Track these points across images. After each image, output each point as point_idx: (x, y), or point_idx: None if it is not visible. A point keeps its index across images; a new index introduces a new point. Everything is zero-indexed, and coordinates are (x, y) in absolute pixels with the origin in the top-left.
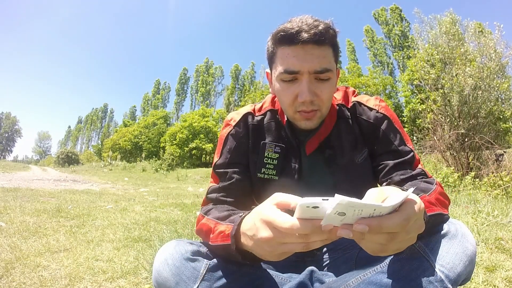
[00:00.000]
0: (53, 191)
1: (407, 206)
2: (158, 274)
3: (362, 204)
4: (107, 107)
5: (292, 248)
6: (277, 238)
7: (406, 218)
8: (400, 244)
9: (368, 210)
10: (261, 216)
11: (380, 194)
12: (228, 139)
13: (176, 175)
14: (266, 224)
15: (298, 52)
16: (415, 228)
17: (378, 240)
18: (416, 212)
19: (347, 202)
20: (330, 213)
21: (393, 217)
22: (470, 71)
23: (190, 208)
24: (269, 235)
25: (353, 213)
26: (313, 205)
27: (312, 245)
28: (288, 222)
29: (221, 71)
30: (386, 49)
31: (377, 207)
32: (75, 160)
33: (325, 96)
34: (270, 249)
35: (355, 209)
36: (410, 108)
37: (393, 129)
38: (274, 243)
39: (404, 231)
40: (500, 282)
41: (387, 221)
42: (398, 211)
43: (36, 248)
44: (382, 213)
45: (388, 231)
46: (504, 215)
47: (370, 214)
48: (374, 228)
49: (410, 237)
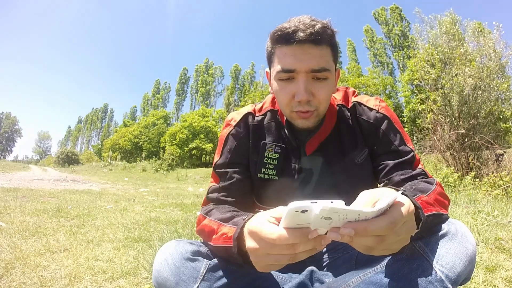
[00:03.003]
0: (53, 191)
1: (394, 209)
2: (158, 274)
3: (345, 210)
4: (107, 107)
5: (279, 260)
6: (263, 249)
7: (393, 221)
8: (390, 245)
9: (352, 215)
10: (248, 227)
11: (372, 197)
12: (228, 139)
13: (176, 175)
14: (251, 234)
15: (295, 51)
16: (405, 230)
17: (366, 243)
18: (403, 215)
19: (330, 208)
20: (317, 217)
21: (378, 221)
22: (470, 71)
23: (190, 208)
24: (254, 246)
25: (338, 218)
26: (302, 209)
27: (299, 256)
28: (275, 233)
29: (221, 71)
30: (386, 49)
31: (361, 212)
32: (75, 160)
33: (322, 96)
34: (256, 259)
35: (340, 214)
36: (410, 108)
37: (393, 129)
38: (260, 254)
39: (393, 233)
40: (500, 282)
41: (373, 224)
42: (385, 214)
43: (36, 248)
44: (367, 217)
45: (375, 234)
46: (504, 215)
47: (356, 218)
48: (360, 232)
49: (400, 239)
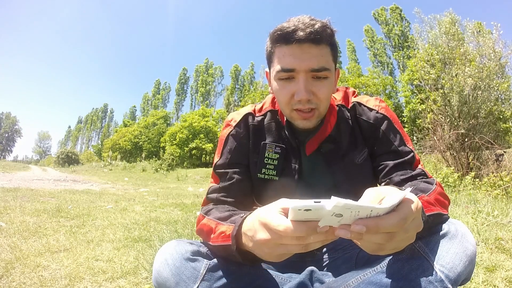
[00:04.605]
0: (53, 191)
1: (404, 205)
2: (158, 274)
3: (358, 206)
4: (107, 107)
5: (290, 249)
6: (274, 240)
7: (403, 218)
8: (398, 243)
9: (365, 211)
10: (259, 218)
11: (378, 194)
12: (228, 140)
13: (176, 175)
14: (263, 226)
15: (294, 50)
16: (413, 227)
17: (376, 240)
18: (413, 211)
19: (343, 204)
20: (327, 214)
21: (390, 217)
22: (469, 71)
23: (190, 208)
24: (266, 237)
25: (350, 215)
26: (305, 208)
27: (311, 246)
28: (282, 225)
29: (221, 71)
30: (386, 49)
31: (373, 208)
32: (75, 160)
33: (322, 95)
34: (268, 250)
35: (352, 211)
36: (410, 108)
37: (393, 130)
38: (272, 245)
39: (402, 230)
40: (500, 282)
41: (384, 221)
42: (395, 211)
43: (36, 248)
44: (379, 213)
45: (386, 231)
46: (504, 215)
47: (367, 215)
48: (371, 229)
49: (408, 236)
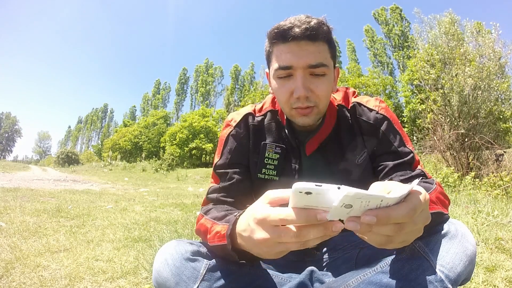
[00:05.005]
0: (53, 191)
1: (413, 196)
2: (158, 274)
3: (369, 195)
4: (107, 107)
5: (289, 247)
6: (273, 239)
7: (413, 208)
8: (407, 235)
9: (375, 201)
10: (255, 216)
11: (384, 188)
12: (228, 140)
13: (176, 175)
14: (260, 223)
15: (292, 48)
16: (422, 218)
17: (385, 232)
18: (422, 202)
19: (354, 193)
20: (337, 205)
21: (400, 207)
22: (469, 71)
23: (190, 208)
24: (265, 236)
25: (360, 205)
26: (305, 190)
27: (309, 243)
28: (282, 213)
29: (221, 71)
30: (386, 49)
31: (384, 198)
32: (75, 160)
33: (320, 92)
34: (267, 249)
35: (362, 201)
36: (410, 108)
37: (393, 130)
38: (271, 243)
39: (411, 222)
40: (500, 282)
41: (395, 211)
42: (405, 201)
43: (36, 248)
44: (389, 203)
45: (396, 221)
46: (504, 215)
47: (377, 205)
48: (382, 219)
49: (417, 228)
